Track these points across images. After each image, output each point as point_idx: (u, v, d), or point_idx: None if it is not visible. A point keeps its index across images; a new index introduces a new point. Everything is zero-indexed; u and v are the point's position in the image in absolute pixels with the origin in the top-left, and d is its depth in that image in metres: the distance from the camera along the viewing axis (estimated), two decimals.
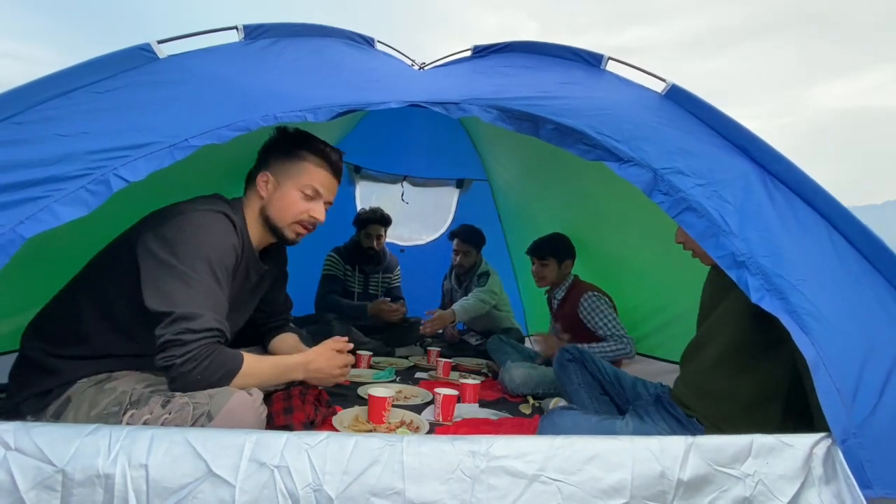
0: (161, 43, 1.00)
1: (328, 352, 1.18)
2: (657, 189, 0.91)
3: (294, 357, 1.16)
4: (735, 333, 1.08)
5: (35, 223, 0.77)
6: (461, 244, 2.64)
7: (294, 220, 1.16)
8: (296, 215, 1.16)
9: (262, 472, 0.70)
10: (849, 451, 0.72)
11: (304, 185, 1.15)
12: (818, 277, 0.84)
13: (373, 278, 2.64)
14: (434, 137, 2.79)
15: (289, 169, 1.16)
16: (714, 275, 1.24)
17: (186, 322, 0.92)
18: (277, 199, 1.15)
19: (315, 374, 1.16)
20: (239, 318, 1.24)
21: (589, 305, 1.96)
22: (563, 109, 0.96)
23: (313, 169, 1.16)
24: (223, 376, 0.96)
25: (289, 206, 1.15)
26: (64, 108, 0.87)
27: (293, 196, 1.15)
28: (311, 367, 1.14)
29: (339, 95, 0.96)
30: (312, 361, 1.15)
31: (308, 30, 1.26)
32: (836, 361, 0.77)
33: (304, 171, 1.15)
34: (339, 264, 2.55)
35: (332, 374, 1.19)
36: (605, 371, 1.45)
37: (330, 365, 1.17)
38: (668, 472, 0.71)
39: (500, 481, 0.70)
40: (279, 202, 1.15)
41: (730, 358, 1.09)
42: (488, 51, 1.29)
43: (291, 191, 1.15)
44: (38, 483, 0.69)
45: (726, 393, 1.06)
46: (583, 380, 1.45)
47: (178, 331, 0.91)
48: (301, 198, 1.15)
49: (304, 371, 1.14)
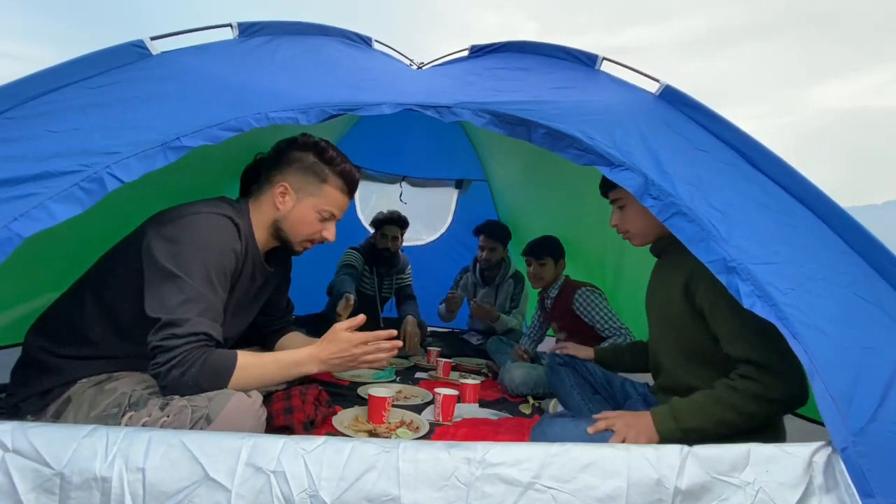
0: (154, 39, 1.00)
1: (336, 334, 1.06)
2: (647, 193, 0.91)
3: (303, 350, 1.06)
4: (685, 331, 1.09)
5: (30, 221, 0.76)
6: (487, 240, 2.57)
7: (307, 238, 1.18)
8: (309, 235, 1.17)
9: (259, 476, 0.70)
10: (849, 459, 0.71)
11: (323, 207, 1.16)
12: (812, 282, 0.83)
13: (386, 280, 2.64)
14: (433, 138, 2.78)
15: (309, 187, 1.15)
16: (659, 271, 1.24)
17: (172, 327, 0.91)
18: (295, 216, 1.15)
19: (332, 360, 1.04)
20: (242, 321, 1.23)
21: (584, 301, 1.96)
22: (555, 114, 0.96)
23: (334, 193, 1.16)
24: (216, 378, 0.95)
25: (304, 225, 1.15)
26: (56, 104, 0.87)
27: (311, 217, 1.15)
28: (323, 355, 1.04)
29: (333, 95, 0.96)
30: (324, 349, 1.04)
31: (304, 28, 1.26)
32: (830, 369, 0.76)
33: (325, 193, 1.15)
34: (358, 260, 2.53)
35: (353, 355, 1.05)
36: (595, 373, 1.48)
37: (346, 346, 1.05)
38: (665, 481, 0.71)
39: (495, 489, 0.70)
40: (296, 220, 1.15)
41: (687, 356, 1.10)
42: (485, 51, 1.29)
43: (310, 211, 1.15)
44: (37, 486, 0.69)
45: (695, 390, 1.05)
46: (574, 382, 1.48)
47: (163, 337, 0.91)
48: (318, 219, 1.16)
49: (318, 362, 1.04)
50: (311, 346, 1.07)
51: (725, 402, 0.94)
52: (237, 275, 1.10)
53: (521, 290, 2.66)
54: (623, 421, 1.03)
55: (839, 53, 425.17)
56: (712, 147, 0.99)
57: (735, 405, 0.93)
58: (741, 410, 0.92)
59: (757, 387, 0.92)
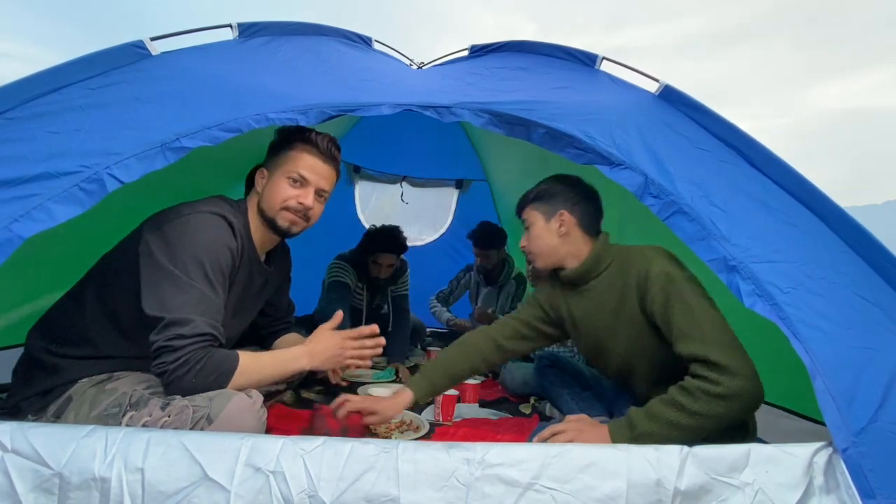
0: (154, 40, 1.00)
1: (322, 332, 1.15)
2: (648, 192, 0.91)
3: (295, 347, 1.12)
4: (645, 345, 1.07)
5: (31, 222, 0.77)
6: (479, 250, 2.53)
7: (281, 206, 1.15)
8: (283, 201, 1.14)
9: (258, 477, 0.70)
10: (850, 459, 0.71)
11: (290, 171, 1.15)
12: (813, 282, 0.83)
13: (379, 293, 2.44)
14: (433, 138, 2.77)
15: (279, 159, 1.16)
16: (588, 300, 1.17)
17: (177, 327, 0.92)
18: (268, 189, 1.15)
19: (320, 356, 1.11)
20: (243, 320, 1.24)
21: None
22: (555, 113, 0.96)
23: (298, 155, 1.15)
24: (219, 378, 0.95)
25: (276, 192, 1.14)
26: (56, 105, 0.87)
27: (281, 183, 1.15)
28: (314, 350, 1.10)
29: (332, 96, 0.96)
30: (315, 346, 1.11)
31: (304, 28, 1.26)
32: (831, 368, 0.76)
33: (290, 158, 1.15)
34: (349, 272, 2.28)
35: (340, 354, 1.12)
36: (583, 372, 1.49)
37: (332, 343, 1.12)
38: (665, 481, 0.71)
39: (494, 489, 0.70)
40: (268, 192, 1.15)
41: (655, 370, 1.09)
42: (485, 50, 1.29)
43: (280, 179, 1.15)
44: (36, 486, 0.69)
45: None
46: (563, 382, 1.48)
47: (169, 336, 0.91)
48: (289, 184, 1.15)
49: (310, 357, 1.09)
50: (301, 345, 1.13)
51: (675, 403, 0.89)
52: (234, 273, 1.10)
53: (523, 291, 2.64)
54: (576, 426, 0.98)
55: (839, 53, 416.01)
56: (712, 146, 0.99)
57: (684, 406, 0.87)
58: (693, 410, 0.87)
59: (707, 384, 0.87)
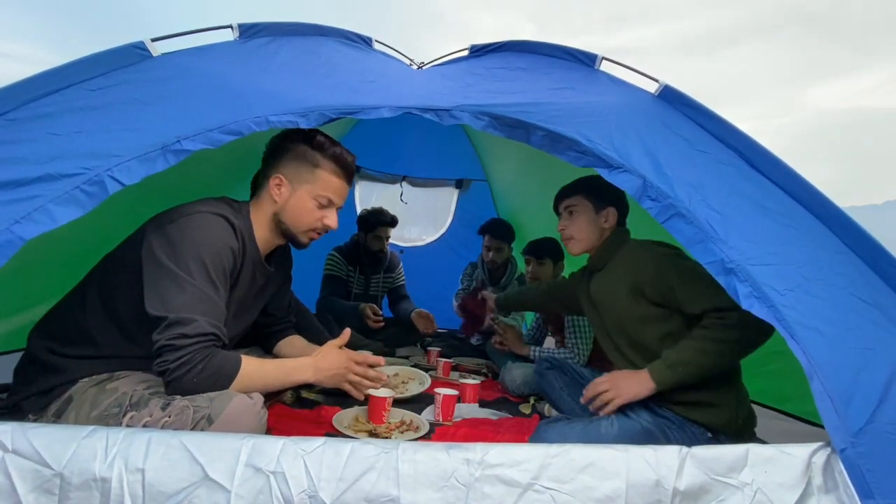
0: (155, 41, 1.00)
1: (332, 349, 1.17)
2: (646, 195, 0.91)
3: (302, 359, 1.14)
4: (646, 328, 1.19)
5: (32, 224, 0.76)
6: (493, 240, 2.53)
7: (309, 228, 1.16)
8: (311, 224, 1.16)
9: (258, 477, 0.70)
10: (848, 459, 0.71)
11: (320, 194, 1.14)
12: (810, 283, 0.84)
13: (374, 279, 2.59)
14: (433, 138, 2.78)
15: (303, 174, 1.14)
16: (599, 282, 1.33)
17: (180, 327, 0.92)
18: (292, 205, 1.14)
19: (325, 372, 1.12)
20: (244, 320, 1.24)
21: None
22: (554, 116, 0.96)
23: (329, 178, 1.15)
24: (220, 379, 0.96)
25: (304, 214, 1.15)
26: (56, 106, 0.87)
27: (309, 205, 1.14)
28: (320, 365, 1.12)
29: (332, 98, 0.96)
30: (322, 361, 1.12)
31: (304, 29, 1.26)
32: (829, 369, 0.76)
33: (319, 179, 1.14)
34: (341, 264, 2.48)
35: (344, 375, 1.15)
36: (583, 374, 1.52)
37: (339, 362, 1.14)
38: (664, 482, 0.71)
39: (494, 489, 0.70)
40: (294, 209, 1.14)
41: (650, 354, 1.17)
42: (485, 50, 1.29)
43: (307, 199, 1.14)
44: (37, 486, 0.69)
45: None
46: (563, 383, 1.51)
47: (172, 336, 0.91)
48: (316, 206, 1.15)
49: (315, 370, 1.11)
50: (308, 357, 1.15)
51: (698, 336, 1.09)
52: (236, 273, 1.10)
53: None
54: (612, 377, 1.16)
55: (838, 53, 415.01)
56: (711, 148, 0.99)
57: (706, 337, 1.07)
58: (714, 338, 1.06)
59: (719, 320, 1.07)
